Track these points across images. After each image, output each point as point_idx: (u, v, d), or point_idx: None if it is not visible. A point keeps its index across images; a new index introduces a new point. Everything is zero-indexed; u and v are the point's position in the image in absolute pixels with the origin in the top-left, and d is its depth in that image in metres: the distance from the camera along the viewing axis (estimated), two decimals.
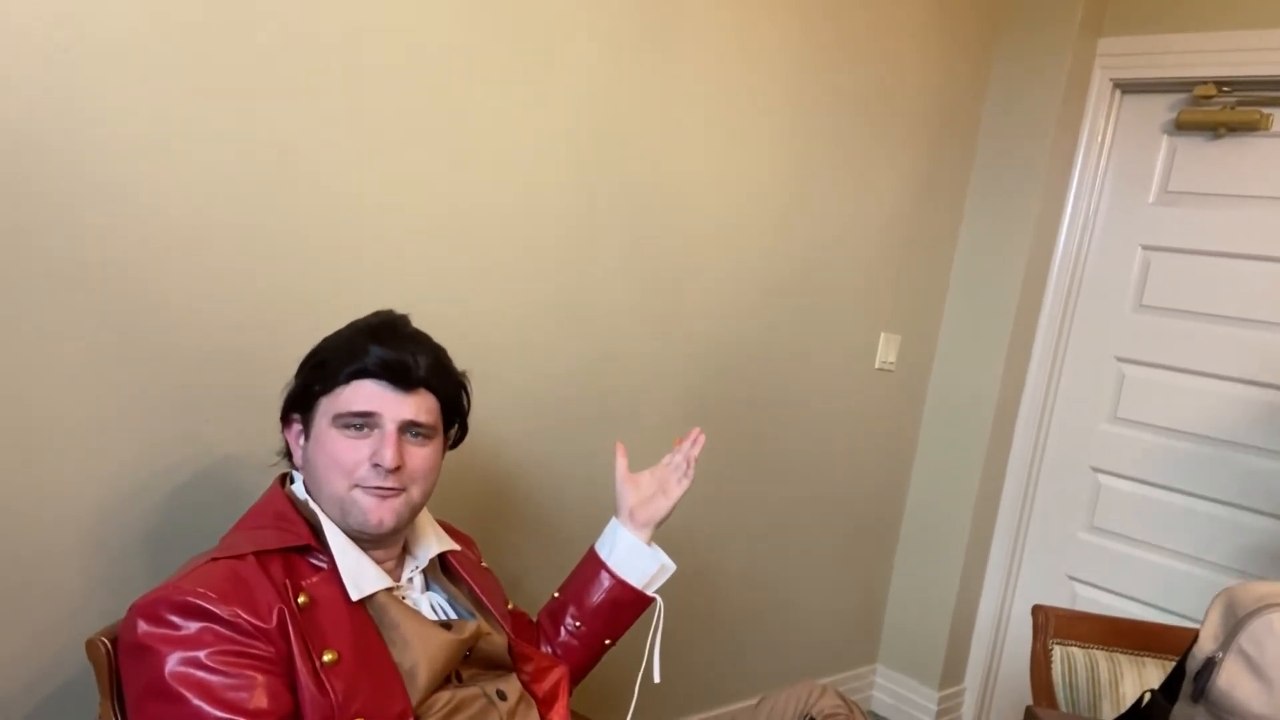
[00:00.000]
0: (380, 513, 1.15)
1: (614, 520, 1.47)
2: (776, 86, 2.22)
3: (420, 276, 1.69)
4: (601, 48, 1.87)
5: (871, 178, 2.56)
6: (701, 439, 1.49)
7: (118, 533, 1.39)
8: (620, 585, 1.42)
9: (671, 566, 1.46)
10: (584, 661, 1.43)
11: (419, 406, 1.18)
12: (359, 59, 1.53)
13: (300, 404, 1.20)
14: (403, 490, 1.17)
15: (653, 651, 1.46)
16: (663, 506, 1.45)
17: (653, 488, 1.47)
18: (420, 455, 1.19)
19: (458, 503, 1.77)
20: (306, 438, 1.19)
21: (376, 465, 1.14)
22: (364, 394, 1.15)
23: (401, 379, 1.16)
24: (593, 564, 1.45)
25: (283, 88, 1.46)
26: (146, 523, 1.41)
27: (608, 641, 1.45)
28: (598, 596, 1.42)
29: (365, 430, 1.15)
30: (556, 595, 1.47)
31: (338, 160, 1.54)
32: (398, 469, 1.15)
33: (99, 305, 1.32)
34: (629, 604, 1.43)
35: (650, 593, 1.45)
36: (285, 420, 1.23)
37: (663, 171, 2.01)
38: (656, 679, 1.46)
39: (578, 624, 1.41)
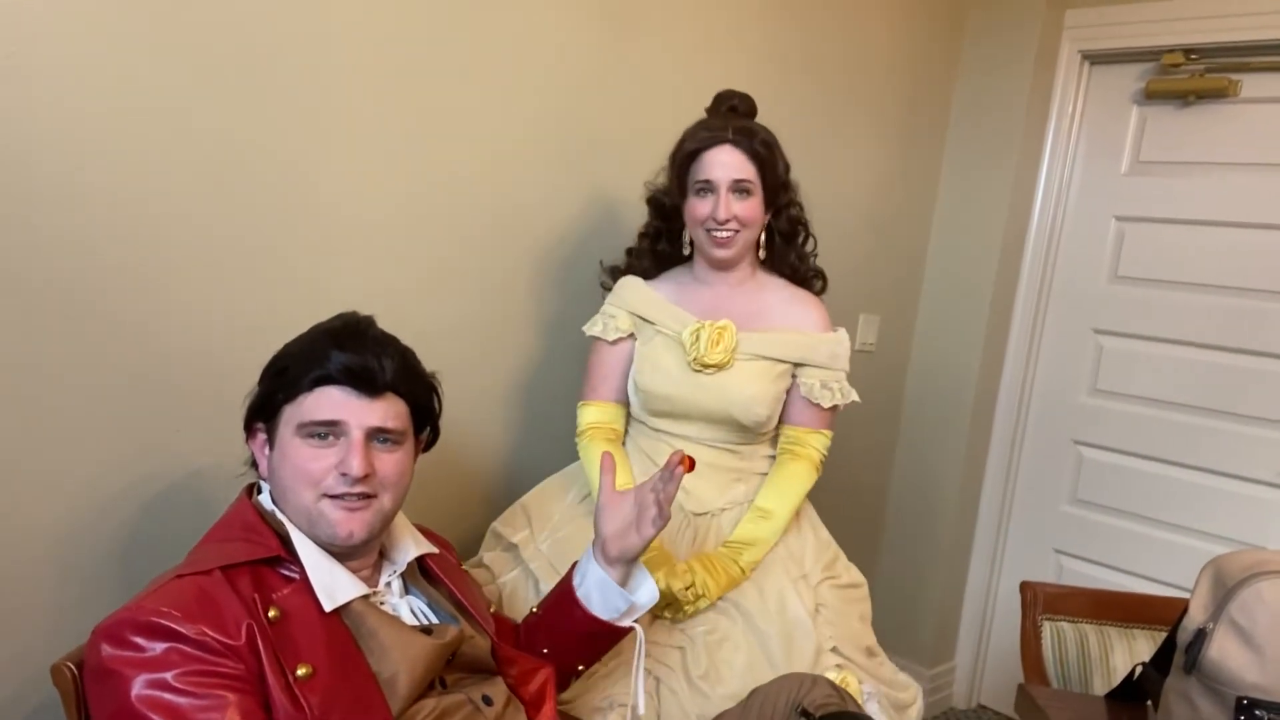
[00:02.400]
0: (350, 525, 1.11)
1: (588, 548, 1.36)
2: (741, 68, 2.20)
3: (396, 278, 1.66)
4: (565, 32, 1.83)
5: (842, 158, 2.54)
6: (680, 471, 1.29)
7: (86, 550, 1.35)
8: (591, 620, 1.32)
9: (647, 603, 1.35)
10: (560, 683, 1.36)
11: (386, 412, 1.14)
12: (329, 59, 1.50)
13: (263, 412, 1.16)
14: (373, 498, 1.14)
15: (636, 682, 1.36)
16: (634, 544, 1.31)
17: (631, 515, 1.32)
18: (390, 461, 1.15)
19: (442, 505, 1.74)
20: (271, 447, 1.15)
21: (343, 474, 1.11)
22: (328, 401, 1.12)
23: (367, 384, 1.13)
24: (566, 593, 1.35)
25: (251, 90, 1.42)
26: (116, 539, 1.37)
27: (581, 667, 1.38)
28: (569, 627, 1.33)
29: (330, 439, 1.12)
30: (535, 610, 1.40)
31: (311, 164, 1.51)
32: (366, 477, 1.11)
33: (63, 315, 1.28)
34: (602, 636, 1.35)
35: (626, 624, 1.34)
36: (249, 430, 1.19)
37: (631, 160, 1.98)
38: (640, 711, 1.36)
39: (548, 650, 1.34)
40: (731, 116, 1.63)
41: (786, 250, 1.71)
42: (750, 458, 1.70)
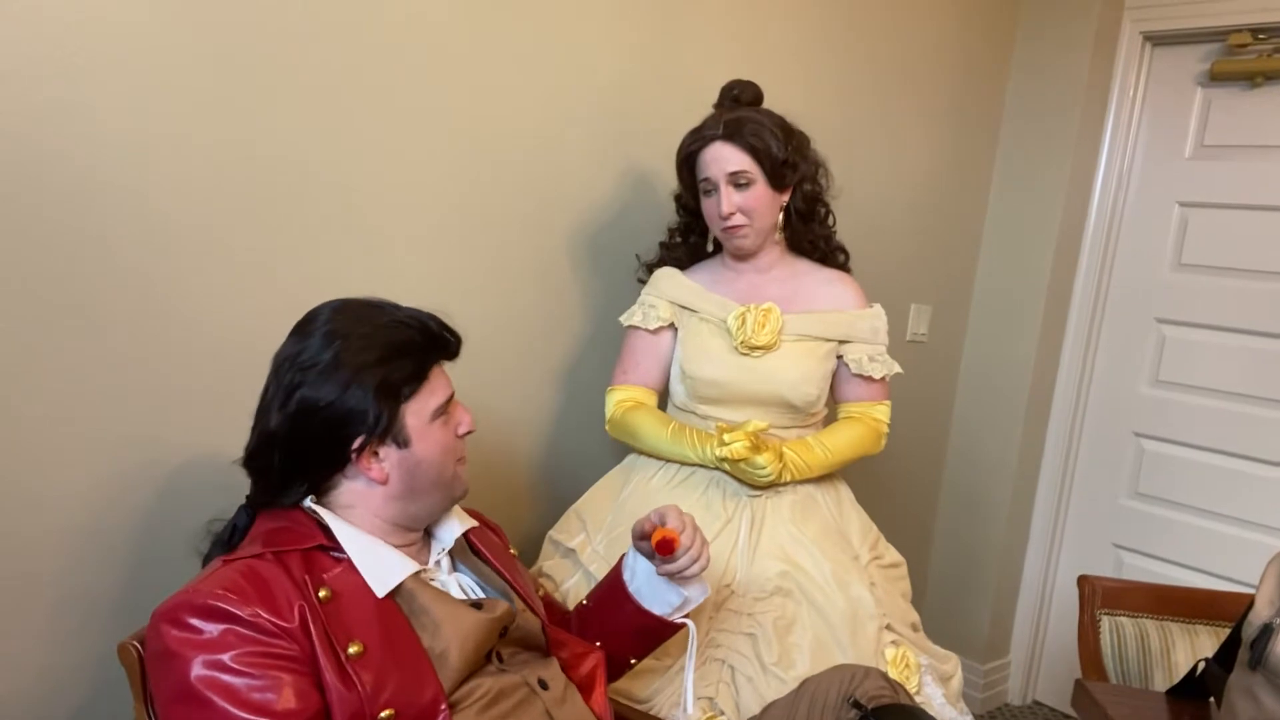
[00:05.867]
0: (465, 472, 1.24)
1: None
2: (789, 57, 2.17)
3: (440, 277, 1.68)
4: (614, 32, 1.83)
5: (895, 148, 2.50)
6: (700, 547, 1.27)
7: (147, 534, 1.39)
8: (643, 614, 1.31)
9: (700, 597, 1.33)
10: (610, 675, 1.35)
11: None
12: (368, 60, 1.51)
13: (382, 429, 1.12)
14: None
15: (687, 682, 1.35)
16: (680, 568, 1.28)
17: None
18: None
19: (497, 504, 1.76)
20: (402, 446, 1.14)
21: (468, 433, 1.22)
22: (441, 381, 1.18)
23: (456, 348, 1.21)
24: (616, 586, 1.34)
25: (289, 91, 1.44)
26: (173, 523, 1.40)
27: (633, 660, 1.38)
28: (621, 621, 1.33)
29: (447, 412, 1.19)
30: (586, 602, 1.40)
31: (349, 163, 1.52)
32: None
33: (86, 308, 1.31)
34: (654, 631, 1.34)
35: (679, 619, 1.33)
36: (359, 454, 1.12)
37: (675, 151, 1.97)
38: (690, 712, 1.35)
39: (601, 643, 1.33)
40: (733, 107, 1.64)
41: (805, 228, 1.71)
42: None
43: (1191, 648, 1.72)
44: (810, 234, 1.71)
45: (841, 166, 2.32)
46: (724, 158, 1.60)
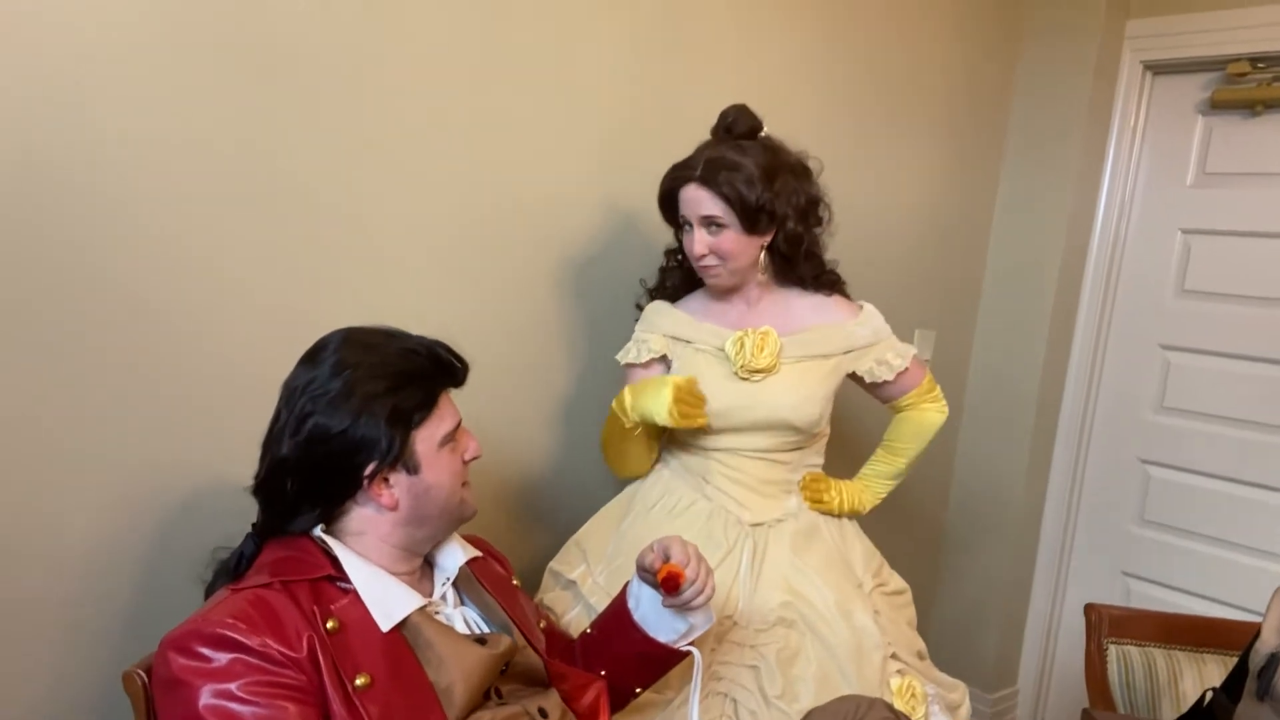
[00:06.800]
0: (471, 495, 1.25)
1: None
2: (792, 82, 2.20)
3: (445, 297, 1.69)
4: (616, 49, 1.85)
5: (898, 174, 2.52)
6: (705, 578, 1.28)
7: (154, 560, 1.40)
8: (648, 642, 1.31)
9: (705, 625, 1.32)
10: (614, 705, 1.35)
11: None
12: (369, 84, 1.53)
13: (393, 456, 1.13)
14: None
15: (692, 712, 1.34)
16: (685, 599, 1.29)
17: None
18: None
19: (497, 532, 1.76)
20: (412, 473, 1.15)
21: (474, 459, 1.24)
22: (449, 408, 1.20)
23: (463, 374, 1.22)
24: (621, 614, 1.34)
25: (297, 113, 1.46)
26: (180, 550, 1.41)
27: (638, 690, 1.38)
28: (626, 649, 1.32)
29: (455, 437, 1.20)
30: (590, 631, 1.40)
31: (357, 185, 1.54)
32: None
33: (94, 335, 1.32)
34: (659, 659, 1.34)
35: (684, 647, 1.32)
36: (371, 480, 1.13)
37: None
38: None
39: (606, 672, 1.33)
40: (724, 139, 1.62)
41: (789, 268, 1.68)
42: (797, 468, 1.71)
43: (1199, 677, 1.71)
44: (794, 273, 1.68)
45: (844, 192, 2.34)
46: (698, 200, 1.58)
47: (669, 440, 1.76)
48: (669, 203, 1.65)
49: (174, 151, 1.35)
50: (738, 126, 1.61)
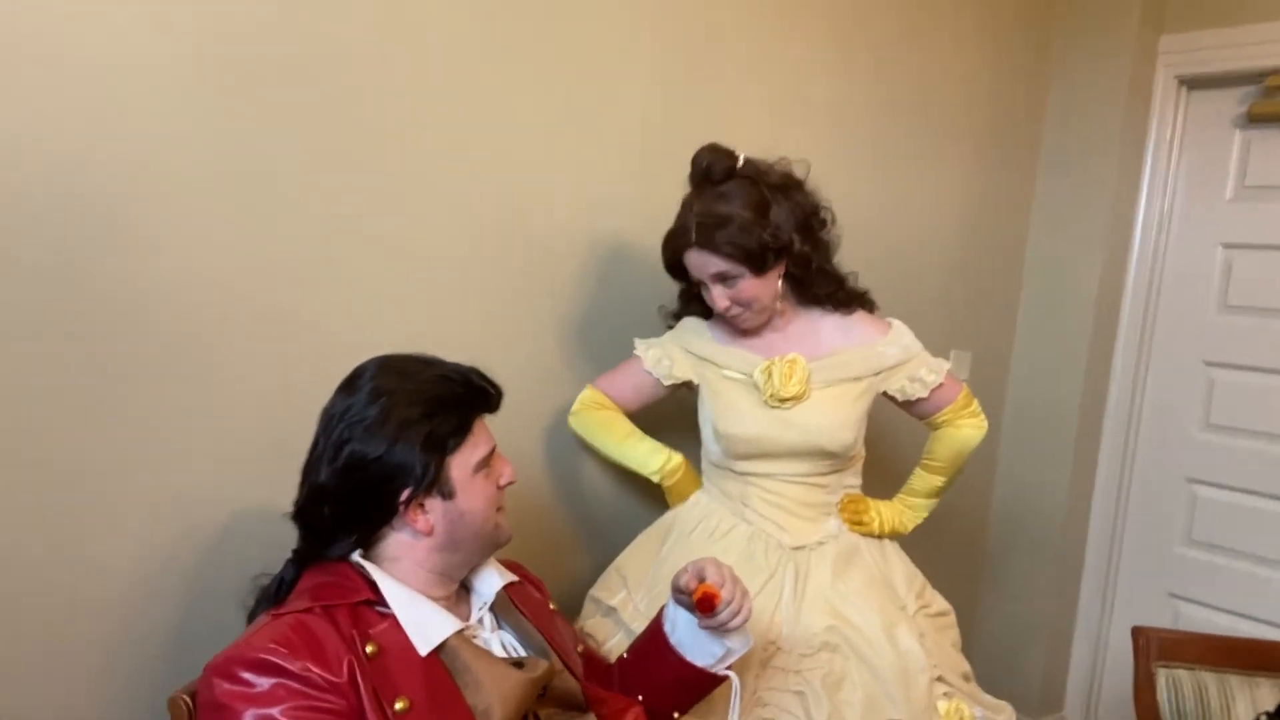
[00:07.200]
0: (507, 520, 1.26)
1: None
2: (822, 105, 2.20)
3: (468, 320, 1.70)
4: (641, 75, 1.87)
5: (928, 192, 2.51)
6: (741, 600, 1.27)
7: (196, 588, 1.42)
8: (685, 666, 1.30)
9: (742, 648, 1.31)
10: None
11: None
12: (388, 99, 1.55)
13: (427, 482, 1.15)
14: None
15: None
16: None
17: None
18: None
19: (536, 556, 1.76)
20: (447, 498, 1.16)
21: (508, 484, 1.24)
22: (483, 434, 1.21)
23: (496, 401, 1.23)
24: (657, 638, 1.33)
25: (319, 135, 1.49)
26: (222, 577, 1.43)
27: (676, 715, 1.36)
28: (663, 673, 1.32)
29: (490, 463, 1.22)
30: (626, 655, 1.40)
31: (374, 221, 1.56)
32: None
33: (135, 367, 1.34)
34: (696, 683, 1.33)
35: (722, 671, 1.31)
36: (406, 506, 1.15)
37: None
38: None
39: (644, 697, 1.32)
40: (704, 187, 1.59)
41: (804, 290, 1.67)
42: (835, 490, 1.70)
43: (1252, 701, 1.67)
44: (813, 291, 1.67)
45: (877, 212, 2.36)
46: (703, 262, 1.58)
47: (707, 466, 1.76)
48: (678, 270, 1.66)
49: (207, 184, 1.37)
50: (715, 171, 1.59)
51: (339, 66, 1.48)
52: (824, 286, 1.67)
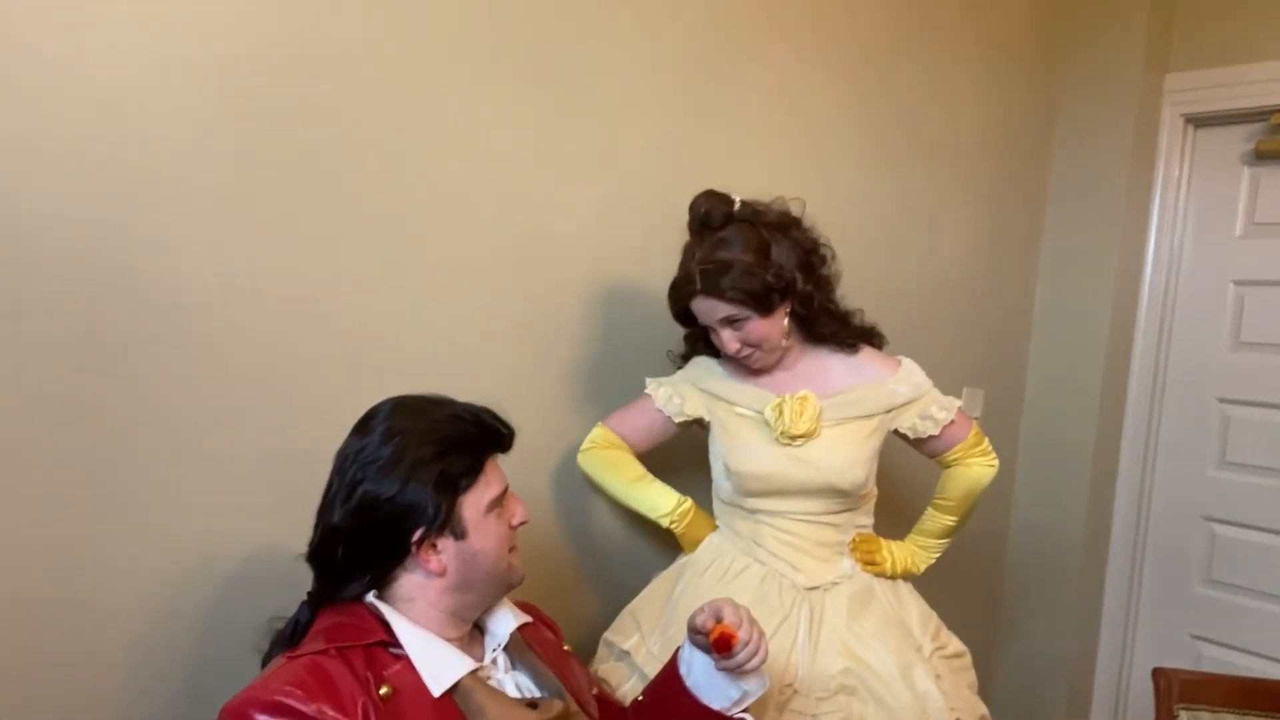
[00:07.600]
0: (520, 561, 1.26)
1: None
2: (830, 146, 2.23)
3: (473, 369, 1.70)
4: (650, 122, 1.89)
5: (937, 231, 2.52)
6: (758, 640, 1.25)
7: (211, 630, 1.42)
8: (701, 709, 1.28)
9: (759, 691, 1.29)
10: None
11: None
12: (402, 138, 1.57)
13: (439, 522, 1.15)
14: None
15: None
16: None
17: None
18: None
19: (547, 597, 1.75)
20: (459, 538, 1.17)
21: (521, 524, 1.24)
22: (496, 474, 1.21)
23: (508, 440, 1.23)
24: (673, 681, 1.31)
25: (348, 170, 1.51)
26: (236, 619, 1.43)
27: None
28: (679, 716, 1.29)
29: (501, 502, 1.22)
30: (642, 698, 1.38)
31: (386, 265, 1.57)
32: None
33: (149, 408, 1.35)
34: None
35: (738, 714, 1.29)
36: (419, 546, 1.15)
37: None
38: None
39: None
40: (704, 234, 1.61)
41: (809, 329, 1.68)
42: (847, 530, 1.70)
43: None
44: (818, 330, 1.68)
45: (889, 252, 2.37)
46: (710, 309, 1.59)
47: (718, 505, 1.75)
48: (686, 318, 1.67)
49: (219, 213, 1.38)
50: (713, 218, 1.60)
51: (353, 105, 1.50)
52: (828, 325, 1.68)
